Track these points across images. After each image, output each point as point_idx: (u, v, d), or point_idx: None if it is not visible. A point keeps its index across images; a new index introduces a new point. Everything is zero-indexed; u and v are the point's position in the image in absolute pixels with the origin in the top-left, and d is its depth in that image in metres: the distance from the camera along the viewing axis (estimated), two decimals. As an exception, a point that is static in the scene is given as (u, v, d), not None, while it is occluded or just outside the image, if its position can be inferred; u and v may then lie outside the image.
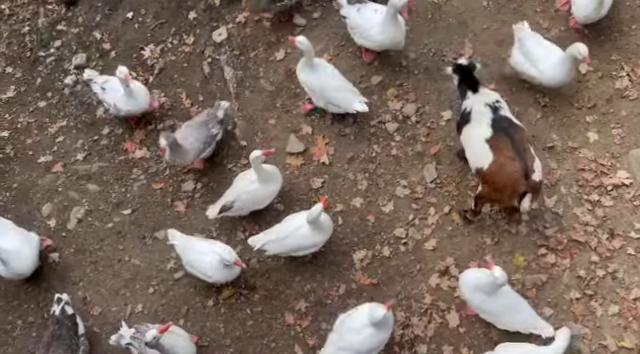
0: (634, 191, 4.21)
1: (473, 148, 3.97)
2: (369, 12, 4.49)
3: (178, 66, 5.13)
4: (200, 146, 4.41)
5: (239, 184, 4.31)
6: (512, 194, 3.78)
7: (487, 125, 3.88)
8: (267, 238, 4.13)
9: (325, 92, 4.44)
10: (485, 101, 3.98)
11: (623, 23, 4.70)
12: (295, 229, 4.03)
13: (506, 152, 3.77)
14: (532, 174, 3.72)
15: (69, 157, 4.96)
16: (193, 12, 5.27)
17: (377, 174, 4.51)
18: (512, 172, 3.74)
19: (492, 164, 3.81)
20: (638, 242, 4.08)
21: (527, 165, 3.73)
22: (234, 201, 4.26)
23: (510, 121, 3.93)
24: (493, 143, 3.83)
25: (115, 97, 4.67)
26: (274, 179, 4.24)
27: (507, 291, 3.80)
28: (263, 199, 4.30)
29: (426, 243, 4.28)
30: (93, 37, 5.41)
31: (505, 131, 3.84)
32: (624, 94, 4.50)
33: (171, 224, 4.55)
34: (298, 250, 4.15)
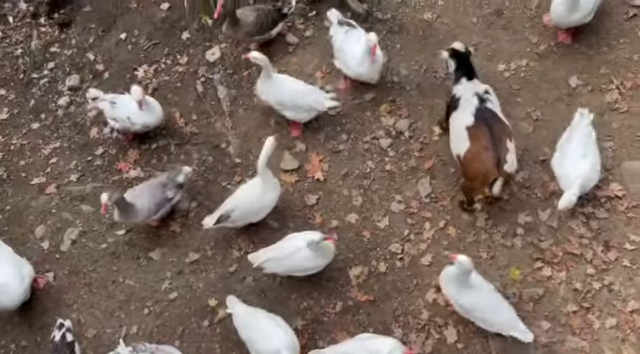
0: (627, 203, 4.22)
1: (455, 134, 4.08)
2: (354, 39, 4.50)
3: (172, 86, 5.16)
4: (152, 208, 4.33)
5: (239, 193, 4.30)
6: (483, 182, 3.92)
7: (470, 113, 3.99)
8: (266, 256, 4.09)
9: (296, 101, 4.49)
10: (475, 90, 4.08)
11: (611, 37, 4.77)
12: (296, 250, 3.98)
13: (482, 141, 3.88)
14: (504, 164, 3.85)
15: (63, 178, 4.94)
16: (186, 32, 5.31)
17: (372, 190, 4.52)
18: (484, 161, 3.86)
19: (467, 152, 3.94)
20: (633, 254, 4.08)
21: (500, 155, 3.84)
22: (233, 210, 4.23)
23: (493, 113, 4.02)
24: (472, 131, 3.94)
25: (128, 110, 4.63)
26: (273, 187, 4.24)
27: (486, 289, 3.81)
28: (260, 209, 4.27)
29: (422, 258, 4.27)
30: (86, 58, 5.44)
31: (486, 122, 3.94)
32: (614, 107, 4.54)
33: (165, 244, 4.52)
34: (297, 271, 4.12)
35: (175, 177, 4.45)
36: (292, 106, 4.52)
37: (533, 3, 4.98)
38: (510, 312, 3.86)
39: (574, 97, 4.62)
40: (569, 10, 4.43)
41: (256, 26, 4.81)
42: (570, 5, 4.39)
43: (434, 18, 5.05)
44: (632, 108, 4.50)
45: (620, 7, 4.85)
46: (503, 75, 4.75)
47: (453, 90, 4.20)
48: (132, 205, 4.28)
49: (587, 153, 4.05)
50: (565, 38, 4.75)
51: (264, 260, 4.08)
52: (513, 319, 3.86)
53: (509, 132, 4.02)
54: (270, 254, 4.08)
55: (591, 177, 4.04)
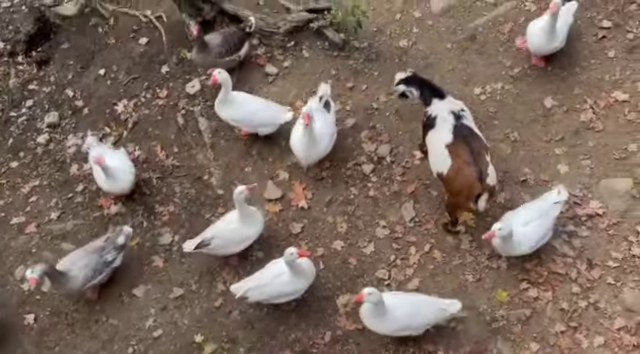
0: (608, 220, 4.27)
1: (435, 152, 4.16)
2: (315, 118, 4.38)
3: (152, 119, 5.15)
4: (88, 274, 4.21)
5: (220, 222, 4.29)
6: (469, 196, 4.00)
7: (449, 131, 4.08)
8: (248, 285, 4.06)
9: (256, 117, 4.60)
10: (450, 109, 4.18)
11: (582, 58, 4.90)
12: (275, 276, 3.98)
13: (463, 157, 3.98)
14: (486, 178, 3.94)
15: (43, 217, 4.87)
16: (165, 66, 5.34)
17: (356, 216, 4.52)
18: (468, 176, 3.95)
19: (450, 169, 4.02)
20: (616, 271, 4.12)
21: (481, 169, 3.94)
22: (212, 238, 4.20)
23: (470, 130, 4.13)
24: (452, 149, 4.03)
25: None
26: (255, 222, 4.22)
27: (400, 304, 3.79)
28: (241, 240, 4.25)
29: (409, 283, 4.25)
30: (65, 95, 5.42)
31: (464, 138, 4.05)
32: (590, 126, 4.63)
33: (149, 280, 4.46)
34: (279, 297, 4.09)
35: (115, 239, 4.34)
36: (249, 124, 4.65)
37: (505, 28, 5.11)
38: (430, 302, 3.87)
39: (549, 117, 4.71)
40: (548, 40, 4.58)
41: (224, 46, 4.91)
42: (549, 35, 4.54)
43: (410, 45, 5.15)
44: (607, 127, 4.60)
45: (589, 29, 5.00)
46: (479, 98, 4.84)
47: (427, 111, 4.28)
48: (64, 274, 4.13)
49: (535, 226, 4.01)
50: (538, 62, 4.87)
51: (246, 289, 4.05)
52: (436, 305, 3.87)
53: (486, 146, 4.14)
54: (252, 283, 4.06)
55: (521, 241, 4.00)
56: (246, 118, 4.64)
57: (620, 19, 4.98)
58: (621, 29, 4.94)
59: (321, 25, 5.15)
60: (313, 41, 5.23)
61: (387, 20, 5.30)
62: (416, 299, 3.92)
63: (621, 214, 4.27)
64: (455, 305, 3.89)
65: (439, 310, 3.88)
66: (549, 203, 4.07)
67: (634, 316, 3.97)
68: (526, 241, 4.00)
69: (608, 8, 5.04)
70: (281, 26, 5.20)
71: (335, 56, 5.15)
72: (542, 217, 4.03)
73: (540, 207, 4.07)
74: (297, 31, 5.24)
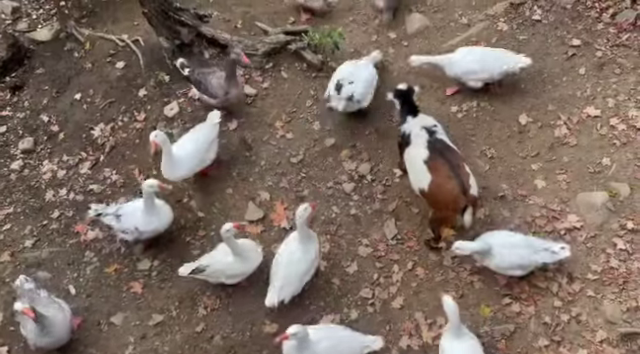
0: (586, 233, 4.33)
1: (414, 169, 4.20)
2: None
3: (130, 143, 5.10)
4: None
5: (217, 252, 4.21)
6: (454, 210, 4.03)
7: (424, 147, 4.15)
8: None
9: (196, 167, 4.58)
10: (422, 124, 4.28)
11: (554, 76, 5.03)
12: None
13: (443, 172, 4.02)
14: (469, 189, 3.99)
15: (17, 245, 4.75)
16: (143, 89, 5.31)
17: (338, 235, 4.51)
18: (451, 189, 3.99)
19: (431, 184, 4.06)
20: (596, 283, 4.16)
21: (463, 181, 3.99)
22: (208, 266, 4.15)
23: (445, 143, 4.20)
24: (431, 164, 4.08)
25: (134, 220, 4.35)
26: (251, 256, 4.12)
27: (324, 336, 3.77)
28: (235, 274, 4.16)
29: (393, 302, 4.24)
30: (40, 120, 5.35)
31: (440, 152, 4.11)
32: (564, 141, 4.73)
33: (127, 307, 4.36)
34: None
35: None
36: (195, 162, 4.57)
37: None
38: (352, 338, 3.86)
39: (525, 134, 4.80)
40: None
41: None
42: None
43: (386, 65, 5.22)
44: (580, 142, 4.70)
45: (560, 48, 5.14)
46: (456, 116, 4.91)
47: (401, 129, 4.36)
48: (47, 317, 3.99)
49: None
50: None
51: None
52: (358, 341, 3.86)
53: (463, 158, 4.22)
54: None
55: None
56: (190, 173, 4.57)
57: (589, 37, 5.14)
58: (590, 47, 5.10)
59: (299, 47, 5.21)
60: (291, 62, 5.27)
61: (364, 41, 5.38)
62: (338, 334, 3.87)
63: (598, 227, 4.34)
64: (377, 342, 3.89)
65: (361, 347, 3.86)
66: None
67: (615, 328, 4.00)
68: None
69: (577, 27, 5.21)
70: (259, 48, 5.24)
71: (314, 77, 5.21)
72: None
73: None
74: (275, 53, 5.28)
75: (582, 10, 5.28)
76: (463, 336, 3.77)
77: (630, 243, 4.25)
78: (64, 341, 4.14)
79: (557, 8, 5.33)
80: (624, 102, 4.81)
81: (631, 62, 4.97)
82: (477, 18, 5.42)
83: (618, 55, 5.03)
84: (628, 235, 4.28)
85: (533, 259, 4.03)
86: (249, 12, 5.66)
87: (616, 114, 4.76)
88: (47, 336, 4.02)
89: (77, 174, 5.05)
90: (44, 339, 4.04)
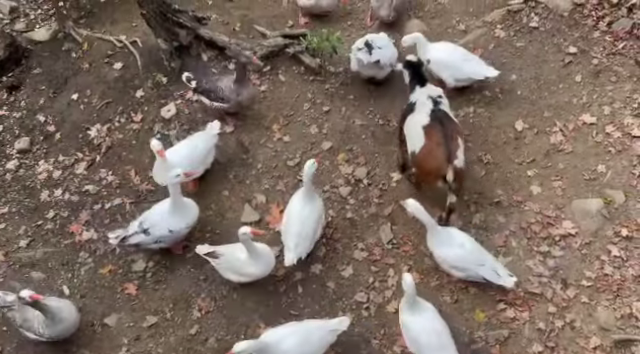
0: (580, 240, 4.35)
1: (411, 133, 4.34)
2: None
3: (126, 144, 5.10)
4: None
5: (235, 247, 4.16)
6: (436, 176, 4.17)
7: (426, 114, 4.30)
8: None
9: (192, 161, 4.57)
10: (429, 94, 4.43)
11: (551, 83, 5.06)
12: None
13: (435, 138, 4.17)
14: (454, 159, 4.11)
15: (11, 245, 4.73)
16: (140, 90, 5.31)
17: (334, 239, 4.50)
18: (437, 156, 4.13)
19: (422, 148, 4.21)
20: (590, 290, 4.17)
21: (451, 151, 4.12)
22: (222, 255, 4.16)
23: (446, 114, 4.34)
24: (427, 130, 4.23)
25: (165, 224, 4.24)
26: (265, 261, 4.08)
27: (284, 335, 3.75)
28: (244, 274, 4.13)
29: (388, 306, 4.24)
30: (37, 120, 5.34)
31: (440, 121, 4.26)
32: (560, 148, 4.75)
33: (121, 308, 4.35)
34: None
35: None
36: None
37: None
38: (318, 327, 3.85)
39: (521, 140, 4.82)
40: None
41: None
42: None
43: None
44: (576, 149, 4.73)
45: (556, 55, 5.18)
46: (453, 122, 4.93)
47: (410, 98, 4.51)
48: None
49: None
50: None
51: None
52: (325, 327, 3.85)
53: (460, 131, 4.33)
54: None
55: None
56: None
57: (585, 45, 5.17)
58: (586, 55, 5.13)
59: (297, 50, 5.23)
60: (289, 66, 5.29)
61: (361, 46, 5.39)
62: (302, 327, 3.84)
63: (593, 234, 4.35)
64: (344, 322, 3.90)
65: (329, 332, 3.85)
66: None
67: (609, 334, 4.01)
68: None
69: (574, 35, 5.24)
70: (257, 51, 5.25)
71: (311, 80, 5.22)
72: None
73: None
74: (273, 56, 5.29)
75: (579, 18, 5.31)
76: (420, 306, 3.84)
77: (624, 250, 4.27)
78: (74, 328, 4.14)
79: (554, 16, 5.37)
80: (620, 110, 4.84)
81: (627, 70, 5.01)
82: (474, 24, 5.45)
83: (614, 63, 5.06)
84: (622, 242, 4.30)
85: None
86: (247, 15, 5.67)
87: (612, 122, 4.79)
88: (59, 323, 4.01)
89: (73, 174, 5.03)
90: (57, 327, 4.02)
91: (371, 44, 4.84)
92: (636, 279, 4.16)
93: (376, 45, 4.84)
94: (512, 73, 5.13)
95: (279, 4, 5.77)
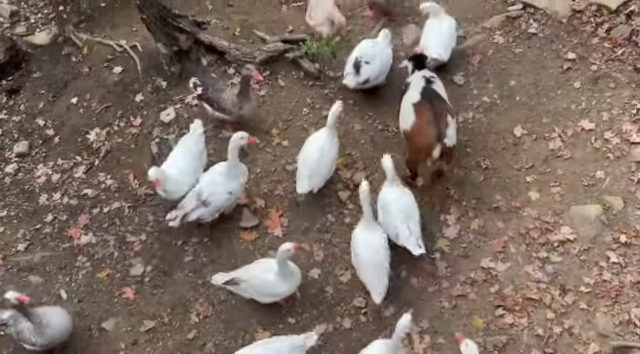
0: (579, 246, 4.34)
1: (403, 111, 4.45)
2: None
3: (125, 148, 5.10)
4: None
5: (256, 266, 4.09)
6: (426, 153, 4.23)
7: (417, 92, 4.39)
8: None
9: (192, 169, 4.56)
10: (423, 74, 4.56)
11: (549, 89, 5.06)
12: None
13: (425, 117, 4.24)
14: (444, 138, 4.18)
15: (9, 249, 4.72)
16: (140, 95, 5.32)
17: (333, 243, 4.50)
18: (427, 134, 4.21)
19: (413, 126, 4.30)
20: (589, 296, 4.16)
21: (441, 130, 4.19)
22: (245, 280, 4.05)
23: (436, 93, 4.42)
24: (418, 107, 4.31)
25: (223, 188, 4.31)
26: (292, 279, 4.03)
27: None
28: (272, 294, 4.07)
29: (386, 311, 4.22)
30: (36, 124, 5.34)
31: (429, 99, 4.34)
32: (558, 154, 4.76)
33: (119, 312, 4.34)
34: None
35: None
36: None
37: (475, 59, 5.27)
38: (284, 345, 3.78)
39: (519, 146, 4.82)
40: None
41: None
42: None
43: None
44: (574, 155, 4.73)
45: (555, 61, 5.19)
46: (452, 127, 4.93)
47: (407, 79, 4.65)
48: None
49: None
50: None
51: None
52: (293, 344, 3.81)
53: (451, 110, 4.38)
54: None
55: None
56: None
57: (584, 51, 5.19)
58: (585, 61, 5.14)
59: (296, 55, 5.24)
60: (289, 71, 5.29)
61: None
62: (272, 346, 3.80)
63: (591, 240, 4.35)
64: (312, 337, 3.84)
65: (297, 349, 3.78)
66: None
67: (607, 341, 4.00)
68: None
69: (572, 41, 5.26)
70: (257, 56, 5.27)
71: (310, 85, 5.22)
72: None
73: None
74: (273, 61, 5.30)
75: (578, 24, 5.33)
76: (374, 227, 4.05)
77: (623, 256, 4.26)
78: (66, 333, 4.09)
79: (553, 22, 5.38)
80: (618, 116, 4.85)
81: (626, 76, 5.02)
82: (473, 30, 5.47)
83: (613, 69, 5.07)
84: (621, 248, 4.30)
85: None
86: (247, 20, 5.69)
87: (610, 128, 4.80)
88: (47, 328, 3.96)
89: (71, 178, 5.03)
90: (46, 333, 3.97)
91: (359, 63, 4.79)
92: (635, 285, 4.16)
93: (364, 61, 4.79)
94: (511, 79, 5.14)
95: (279, 9, 5.79)
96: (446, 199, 4.59)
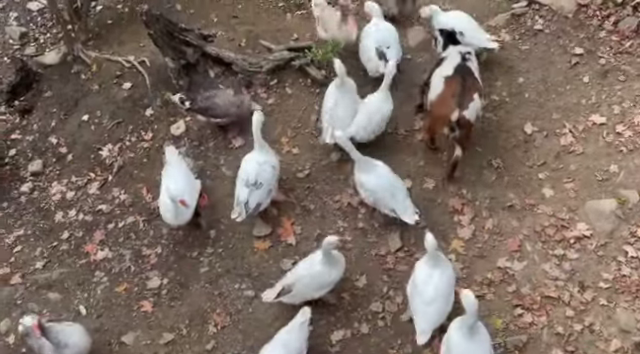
0: (596, 241, 4.30)
1: (434, 84, 4.52)
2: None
3: (137, 162, 5.14)
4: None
5: (301, 265, 4.16)
6: (444, 122, 4.35)
7: (452, 66, 4.48)
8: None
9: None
10: (459, 50, 4.61)
11: (558, 84, 5.03)
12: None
13: (452, 89, 4.35)
14: (464, 110, 4.28)
15: (27, 267, 4.78)
16: (149, 109, 5.37)
17: (346, 249, 4.48)
18: (449, 104, 4.30)
19: (438, 96, 4.42)
20: (608, 292, 4.12)
21: (463, 103, 4.29)
22: (294, 283, 4.08)
23: (470, 71, 4.50)
24: (448, 81, 4.41)
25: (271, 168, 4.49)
26: (338, 265, 4.09)
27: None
28: (324, 284, 4.10)
29: (403, 315, 4.20)
30: (49, 142, 5.41)
31: (461, 75, 4.42)
32: (570, 150, 4.72)
33: (138, 326, 4.36)
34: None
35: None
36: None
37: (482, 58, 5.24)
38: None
39: (530, 143, 4.79)
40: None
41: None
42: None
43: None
44: (587, 150, 4.69)
45: (563, 56, 5.15)
46: (462, 128, 4.92)
47: (442, 55, 4.71)
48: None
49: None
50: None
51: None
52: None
53: (480, 88, 4.47)
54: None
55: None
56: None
57: (591, 45, 5.15)
58: (593, 55, 5.11)
59: (303, 63, 5.26)
60: (295, 78, 5.31)
61: (366, 55, 5.41)
62: (277, 343, 3.84)
63: (608, 235, 4.31)
64: (306, 313, 3.90)
65: (300, 328, 3.86)
66: None
67: (629, 337, 3.95)
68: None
69: (579, 35, 5.22)
70: (263, 65, 5.30)
71: (318, 92, 5.22)
72: None
73: None
74: (279, 69, 5.33)
75: (584, 19, 5.30)
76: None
77: (641, 250, 4.22)
78: (85, 352, 4.11)
79: (559, 17, 5.35)
80: (629, 109, 4.80)
81: (635, 69, 4.97)
82: (479, 29, 5.45)
83: (622, 62, 5.03)
84: (639, 242, 4.25)
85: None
86: (252, 30, 5.72)
87: (622, 121, 4.75)
88: (65, 349, 3.99)
89: (86, 195, 5.09)
90: (64, 352, 4.00)
91: (382, 51, 4.91)
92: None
93: (384, 47, 4.91)
94: (519, 76, 5.11)
95: (283, 18, 5.82)
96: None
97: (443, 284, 3.84)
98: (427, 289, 3.82)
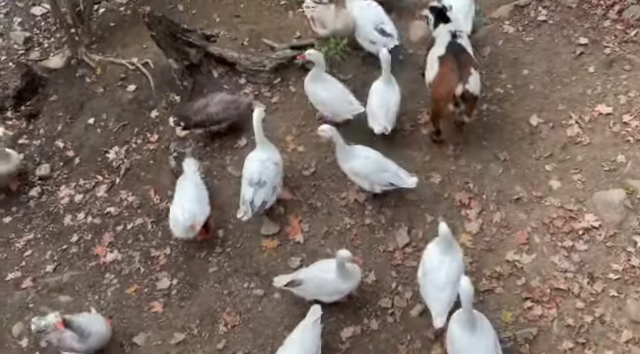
0: (605, 232, 4.27)
1: (430, 65, 4.58)
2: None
3: (144, 164, 5.17)
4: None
5: (318, 266, 4.17)
6: (448, 99, 4.38)
7: (443, 46, 4.52)
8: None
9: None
10: (449, 29, 4.62)
11: (563, 75, 5.00)
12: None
13: (449, 66, 4.40)
14: (466, 84, 4.32)
15: (38, 270, 4.81)
16: (155, 111, 5.39)
17: (354, 245, 4.49)
18: (450, 80, 4.35)
19: (436, 75, 4.47)
20: (618, 283, 4.10)
21: (463, 76, 4.33)
22: (303, 280, 4.10)
23: (461, 47, 4.54)
24: (442, 60, 4.47)
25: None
26: (351, 278, 4.07)
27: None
28: (333, 292, 4.10)
29: (412, 310, 4.21)
30: (56, 146, 5.45)
31: (454, 53, 4.47)
32: (577, 140, 4.69)
33: (149, 327, 4.39)
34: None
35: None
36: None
37: (485, 51, 5.23)
38: None
39: (536, 135, 4.77)
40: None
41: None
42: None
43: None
44: (593, 140, 4.66)
45: (567, 47, 5.13)
46: (467, 121, 4.90)
47: (433, 34, 4.75)
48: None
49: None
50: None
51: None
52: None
53: (474, 62, 4.50)
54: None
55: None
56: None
57: (596, 35, 5.12)
58: (598, 45, 5.07)
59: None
60: (299, 76, 5.30)
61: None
62: (292, 342, 3.85)
63: (617, 225, 4.28)
64: (316, 311, 3.92)
65: (313, 326, 3.86)
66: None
67: (641, 327, 3.94)
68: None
69: (584, 25, 5.19)
70: (267, 64, 5.30)
71: (321, 90, 5.24)
72: None
73: None
74: (283, 68, 5.33)
75: (587, 8, 5.26)
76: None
77: (651, 240, 4.20)
78: (105, 342, 4.20)
79: (562, 8, 5.32)
80: (636, 98, 4.77)
81: (640, 58, 4.94)
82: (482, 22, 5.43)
83: (627, 51, 4.99)
84: (648, 232, 4.23)
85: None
86: (255, 29, 5.73)
87: (628, 111, 4.72)
88: (90, 336, 4.08)
89: (94, 197, 5.12)
90: (88, 340, 4.09)
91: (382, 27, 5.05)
92: (665, 269, 4.09)
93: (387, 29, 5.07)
94: (523, 68, 5.09)
95: (285, 16, 5.82)
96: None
97: (453, 270, 3.86)
98: (439, 275, 3.85)
